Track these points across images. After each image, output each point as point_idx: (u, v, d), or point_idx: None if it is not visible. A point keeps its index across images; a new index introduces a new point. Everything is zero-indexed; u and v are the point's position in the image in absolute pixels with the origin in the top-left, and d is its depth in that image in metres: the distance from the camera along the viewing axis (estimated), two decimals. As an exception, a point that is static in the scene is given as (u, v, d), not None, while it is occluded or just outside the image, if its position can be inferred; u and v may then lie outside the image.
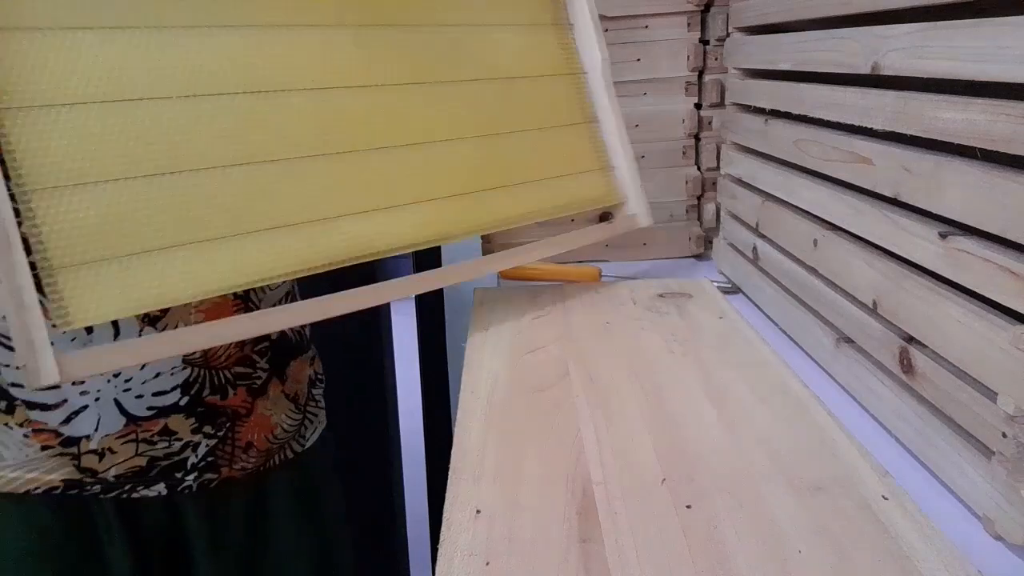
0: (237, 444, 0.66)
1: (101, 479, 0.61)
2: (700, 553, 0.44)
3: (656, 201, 1.13)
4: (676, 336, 0.77)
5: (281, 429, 0.71)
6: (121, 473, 0.61)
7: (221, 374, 0.65)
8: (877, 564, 0.43)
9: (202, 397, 0.63)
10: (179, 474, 0.64)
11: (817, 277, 0.75)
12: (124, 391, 0.60)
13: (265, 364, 0.69)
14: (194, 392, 0.63)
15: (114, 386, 0.59)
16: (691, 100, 1.10)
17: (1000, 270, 0.48)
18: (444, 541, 0.46)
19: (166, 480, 0.63)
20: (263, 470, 0.69)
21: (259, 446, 0.68)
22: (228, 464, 0.66)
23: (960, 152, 0.53)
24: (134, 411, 0.60)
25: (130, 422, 0.60)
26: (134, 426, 0.60)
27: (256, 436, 0.68)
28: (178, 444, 0.63)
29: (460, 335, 0.92)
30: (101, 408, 0.59)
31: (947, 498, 0.54)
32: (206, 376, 0.63)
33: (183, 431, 0.63)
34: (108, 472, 0.61)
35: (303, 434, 0.74)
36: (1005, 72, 0.47)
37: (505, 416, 0.61)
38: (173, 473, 0.63)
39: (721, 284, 0.98)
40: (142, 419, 0.61)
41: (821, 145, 0.73)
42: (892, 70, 0.59)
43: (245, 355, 0.67)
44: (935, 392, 0.56)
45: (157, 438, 0.62)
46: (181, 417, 0.62)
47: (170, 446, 0.63)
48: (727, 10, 1.02)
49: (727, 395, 0.63)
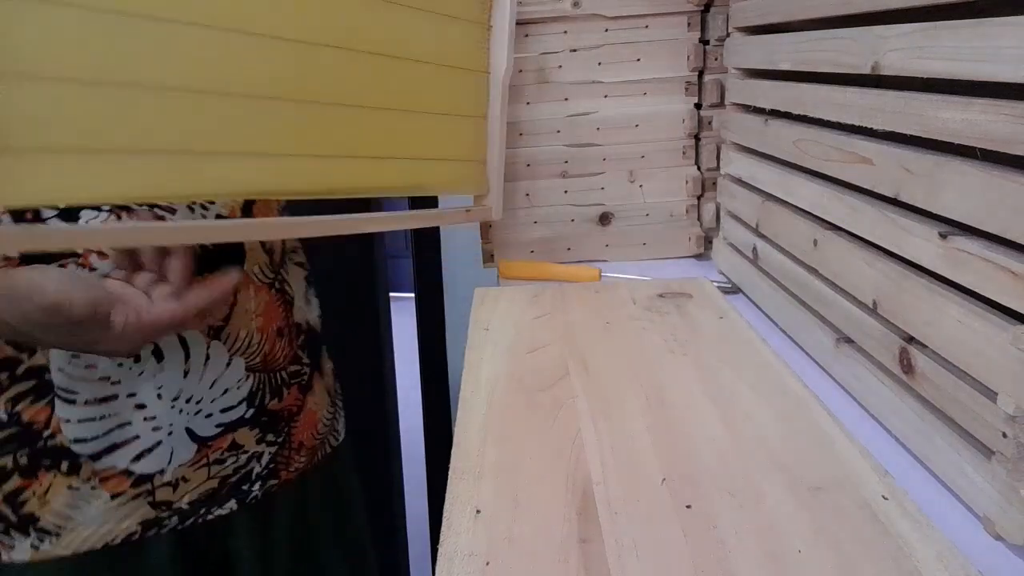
0: (292, 446, 0.66)
1: (176, 509, 0.60)
2: (700, 553, 0.44)
3: (656, 201, 1.14)
4: (676, 336, 0.77)
5: (323, 424, 0.71)
6: (195, 499, 0.60)
7: (278, 375, 0.64)
8: (877, 564, 0.43)
9: (265, 405, 0.63)
10: (246, 486, 0.63)
11: (817, 277, 0.75)
12: (195, 414, 0.59)
13: (307, 358, 0.69)
14: (258, 401, 0.63)
15: (186, 414, 0.58)
16: (691, 100, 1.10)
17: (1000, 270, 0.48)
18: (444, 541, 0.46)
19: (236, 495, 0.63)
20: (308, 470, 0.69)
21: (308, 443, 0.68)
22: (286, 467, 0.66)
23: (960, 152, 0.53)
24: (204, 432, 0.60)
25: (201, 446, 0.60)
26: (205, 449, 0.60)
27: (306, 434, 0.68)
28: (244, 457, 0.63)
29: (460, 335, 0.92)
30: (174, 441, 0.58)
31: (947, 498, 0.54)
32: (266, 381, 0.63)
33: (249, 443, 0.63)
34: (183, 500, 0.60)
35: (336, 427, 0.75)
36: (1005, 72, 0.47)
37: (505, 416, 0.61)
38: (241, 487, 0.63)
39: (721, 284, 0.98)
40: (211, 439, 0.60)
41: (821, 145, 0.73)
42: (892, 70, 0.59)
43: (294, 352, 0.67)
44: (935, 392, 0.56)
45: (226, 455, 0.61)
46: (246, 430, 0.62)
47: (238, 460, 0.62)
48: (727, 10, 1.02)
49: (727, 395, 0.63)
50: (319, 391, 0.70)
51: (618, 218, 1.13)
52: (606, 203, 1.13)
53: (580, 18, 1.07)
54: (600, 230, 1.14)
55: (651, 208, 1.13)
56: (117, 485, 0.57)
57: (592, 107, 1.10)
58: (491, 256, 1.13)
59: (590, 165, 1.12)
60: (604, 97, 1.10)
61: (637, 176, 1.12)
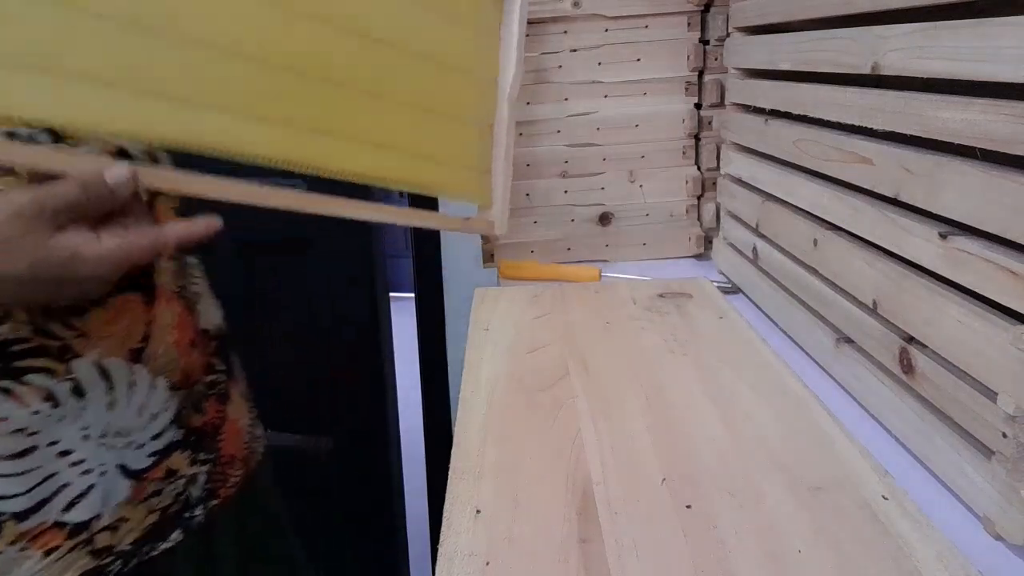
0: (224, 461, 0.64)
1: (119, 552, 0.55)
2: (700, 553, 0.44)
3: (656, 201, 1.14)
4: (676, 336, 0.77)
5: (247, 432, 0.68)
6: (138, 537, 0.56)
7: (195, 389, 0.61)
8: (877, 564, 0.43)
9: (189, 423, 0.60)
10: (187, 513, 0.60)
11: (817, 277, 0.75)
12: (125, 447, 0.55)
13: (221, 365, 0.65)
14: (183, 420, 0.59)
15: (116, 449, 0.54)
16: (691, 100, 1.10)
17: (1000, 270, 0.48)
18: (444, 541, 0.46)
19: (180, 524, 0.59)
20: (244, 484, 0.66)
21: (238, 455, 0.65)
22: (223, 483, 0.63)
23: (960, 152, 0.53)
24: (137, 465, 0.56)
25: (136, 480, 0.56)
26: (141, 482, 0.56)
27: (235, 447, 0.65)
28: (181, 483, 0.59)
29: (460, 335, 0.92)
30: (108, 481, 0.54)
31: (947, 498, 0.54)
32: (187, 398, 0.60)
33: (183, 467, 0.59)
34: (124, 542, 0.55)
35: (257, 434, 0.71)
36: (1005, 72, 0.47)
37: (505, 416, 0.61)
38: (183, 515, 0.60)
39: (721, 284, 0.98)
40: (145, 471, 0.56)
41: (821, 145, 0.73)
42: (892, 70, 0.59)
43: (208, 361, 0.63)
44: (935, 392, 0.56)
45: (163, 484, 0.58)
46: (178, 453, 0.59)
47: (175, 487, 0.59)
48: (727, 10, 1.02)
49: (727, 395, 0.63)
50: (236, 398, 0.67)
51: (618, 218, 1.13)
52: (606, 203, 1.13)
53: (580, 18, 1.07)
54: (600, 230, 1.14)
55: (651, 208, 1.13)
56: (51, 540, 0.52)
57: (592, 107, 1.10)
58: (491, 256, 1.13)
59: (590, 165, 1.12)
60: (604, 97, 1.10)
61: (637, 176, 1.12)
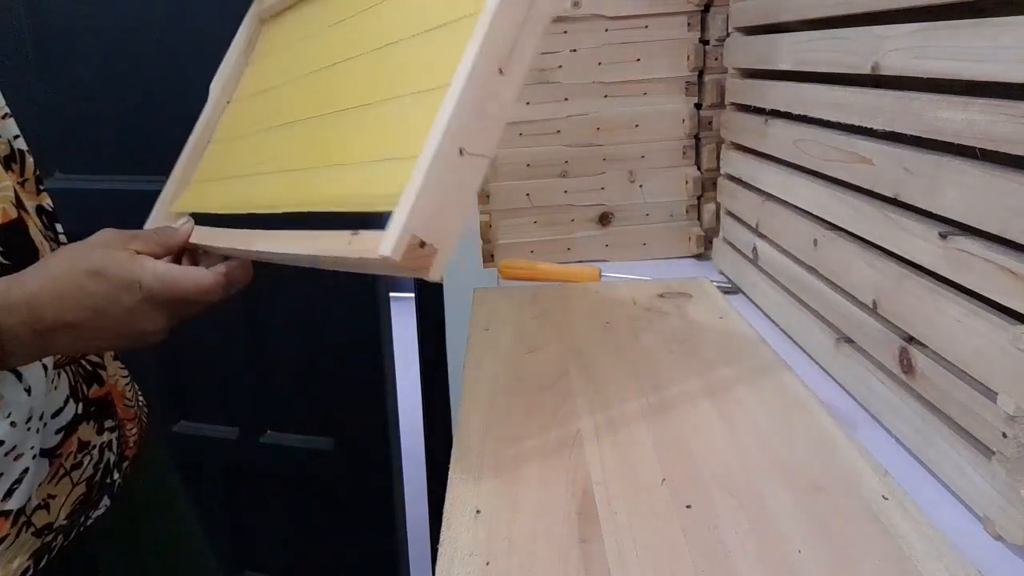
0: (121, 422, 0.65)
1: (58, 528, 0.57)
2: (700, 553, 0.44)
3: (656, 201, 1.14)
4: (676, 336, 0.77)
5: (123, 387, 0.68)
6: (72, 510, 0.58)
7: (86, 362, 0.62)
8: (877, 564, 0.43)
9: (88, 394, 0.61)
10: (109, 479, 0.62)
11: (817, 277, 0.75)
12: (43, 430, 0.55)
13: None
14: (81, 394, 0.60)
15: (38, 432, 0.55)
16: (691, 100, 1.10)
17: (1000, 270, 0.48)
18: (444, 541, 0.46)
19: (106, 491, 0.62)
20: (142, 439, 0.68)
21: (129, 416, 0.67)
22: (127, 445, 0.65)
23: (960, 152, 0.53)
24: (49, 444, 0.57)
25: (52, 458, 0.57)
26: (56, 459, 0.57)
27: (121, 407, 0.66)
28: (95, 452, 0.61)
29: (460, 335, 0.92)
30: (37, 463, 0.55)
31: (947, 498, 0.54)
32: (79, 371, 0.61)
33: (92, 437, 0.61)
34: (60, 517, 0.57)
35: (136, 389, 0.72)
36: (1005, 72, 0.47)
37: (505, 416, 0.61)
38: (105, 481, 0.62)
39: (721, 284, 0.98)
40: (57, 448, 0.57)
41: (821, 145, 0.73)
42: (892, 70, 0.59)
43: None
44: (935, 392, 0.56)
45: (80, 456, 0.59)
46: (84, 425, 0.60)
47: (93, 457, 0.61)
48: (727, 10, 1.02)
49: (727, 395, 0.63)
50: (108, 361, 0.66)
51: (618, 218, 1.13)
52: (606, 203, 1.13)
53: (580, 18, 1.07)
54: (600, 230, 1.14)
55: (651, 208, 1.13)
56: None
57: (592, 107, 1.10)
58: (491, 256, 1.13)
59: (590, 165, 1.12)
60: (604, 97, 1.10)
61: (637, 176, 1.12)
